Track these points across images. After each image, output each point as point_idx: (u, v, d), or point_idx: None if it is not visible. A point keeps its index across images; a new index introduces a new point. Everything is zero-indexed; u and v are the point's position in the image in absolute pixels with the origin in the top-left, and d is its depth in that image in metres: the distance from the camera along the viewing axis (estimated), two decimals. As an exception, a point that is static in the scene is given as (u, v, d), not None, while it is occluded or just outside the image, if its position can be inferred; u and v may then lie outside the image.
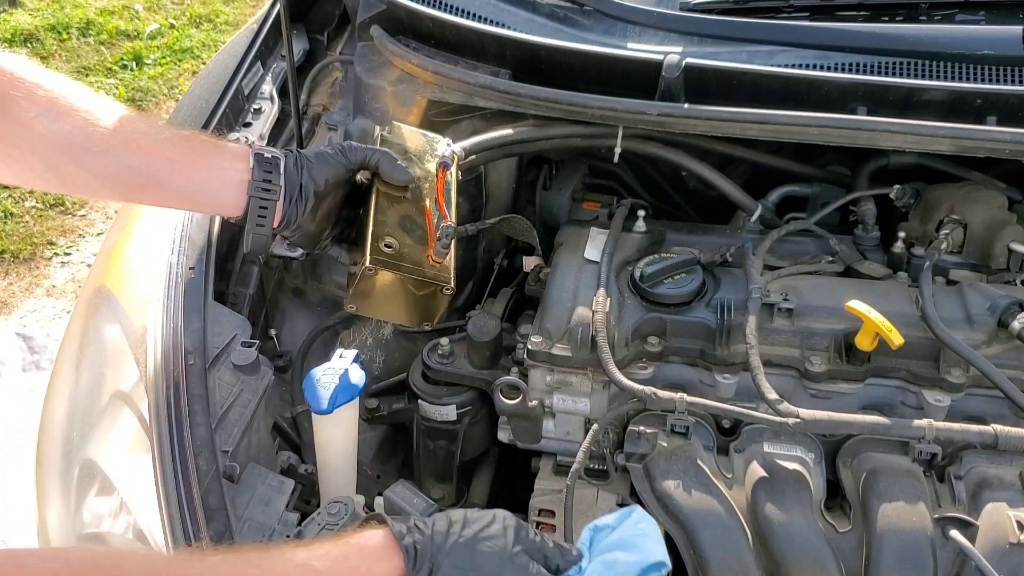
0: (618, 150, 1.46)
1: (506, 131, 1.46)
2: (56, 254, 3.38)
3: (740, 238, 1.44)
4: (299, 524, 1.07)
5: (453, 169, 1.28)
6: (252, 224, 1.09)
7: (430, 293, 1.17)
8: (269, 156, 1.09)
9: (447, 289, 1.16)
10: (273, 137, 1.59)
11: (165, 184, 1.06)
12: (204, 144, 1.10)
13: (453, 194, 1.25)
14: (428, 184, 1.24)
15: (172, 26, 4.95)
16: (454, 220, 1.20)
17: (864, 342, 1.22)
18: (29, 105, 0.99)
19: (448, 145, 1.31)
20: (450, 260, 1.18)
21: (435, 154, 1.29)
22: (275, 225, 1.11)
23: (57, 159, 1.01)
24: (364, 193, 1.20)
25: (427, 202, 1.21)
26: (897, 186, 1.51)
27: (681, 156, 1.51)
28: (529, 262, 1.70)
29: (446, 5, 1.54)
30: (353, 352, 1.20)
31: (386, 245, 1.14)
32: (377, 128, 1.27)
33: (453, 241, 1.17)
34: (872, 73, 1.37)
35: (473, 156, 1.40)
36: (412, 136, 1.30)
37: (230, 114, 1.55)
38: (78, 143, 1.01)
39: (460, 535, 0.87)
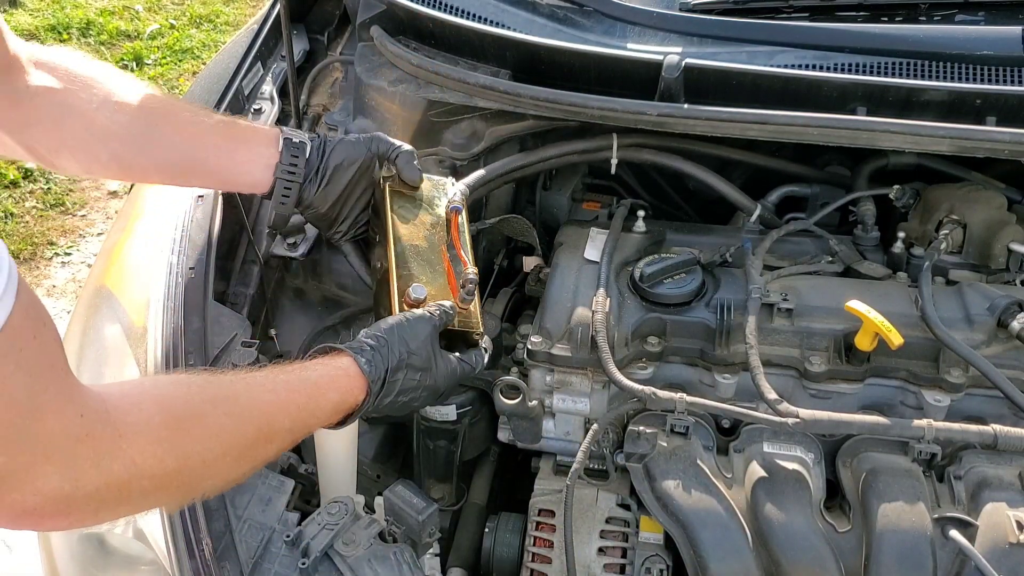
0: (614, 161, 1.47)
1: (504, 160, 1.49)
2: (56, 254, 3.38)
3: (740, 238, 1.44)
4: (299, 524, 1.07)
5: (465, 203, 1.28)
6: (276, 202, 1.21)
7: (461, 339, 1.17)
8: (297, 141, 1.20)
9: (478, 335, 1.18)
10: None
11: (210, 169, 1.18)
12: (242, 130, 1.20)
13: (467, 236, 1.27)
14: (440, 230, 1.26)
15: (172, 26, 4.95)
16: (473, 266, 1.21)
17: (864, 342, 1.22)
18: (89, 98, 1.07)
19: (453, 184, 1.32)
20: (476, 306, 1.19)
21: (443, 197, 1.30)
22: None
23: (120, 149, 1.10)
24: (382, 213, 1.24)
25: (444, 248, 1.23)
26: (896, 186, 1.51)
27: (678, 162, 1.51)
28: (529, 262, 1.70)
29: (446, 5, 1.54)
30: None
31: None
32: (388, 180, 1.27)
33: (476, 286, 1.19)
34: (872, 73, 1.37)
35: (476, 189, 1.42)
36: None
37: (230, 114, 1.55)
38: (137, 132, 1.10)
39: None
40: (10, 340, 0.66)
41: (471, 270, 1.18)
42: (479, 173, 1.44)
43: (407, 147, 1.26)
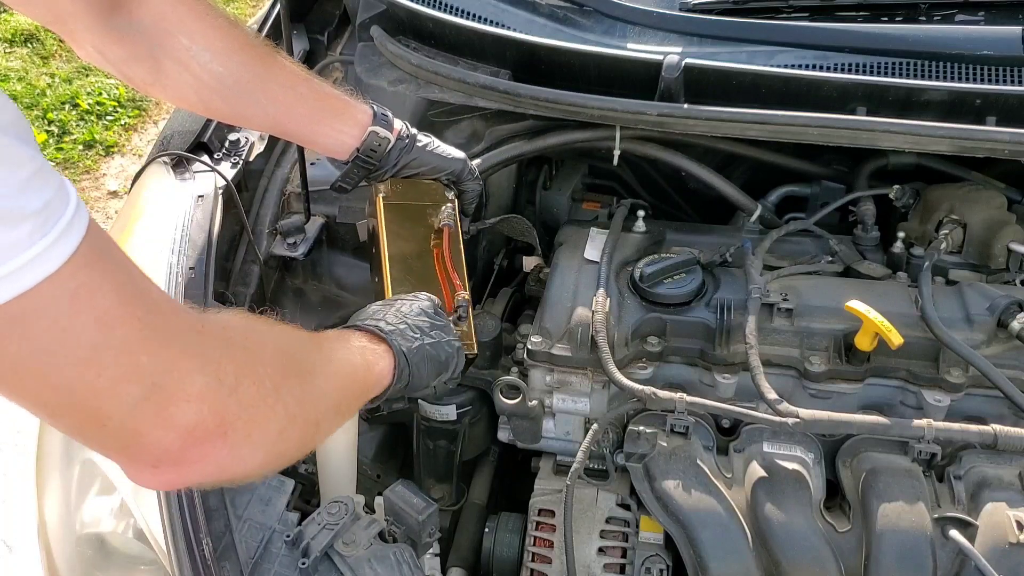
0: (617, 152, 1.46)
1: (502, 148, 1.49)
2: (56, 254, 3.38)
3: (740, 238, 1.44)
4: (299, 524, 1.07)
5: (456, 217, 1.29)
6: (340, 181, 1.29)
7: None
8: (382, 135, 1.24)
9: (469, 354, 1.19)
10: (272, 137, 1.59)
11: (291, 132, 1.26)
12: (335, 105, 1.24)
13: (460, 247, 1.28)
14: (435, 240, 1.26)
15: (172, 26, 4.95)
16: (467, 288, 1.22)
17: (864, 342, 1.22)
18: (189, 44, 1.11)
19: (450, 194, 1.32)
20: (470, 326, 1.21)
21: (438, 208, 1.30)
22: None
23: (208, 97, 1.16)
24: (377, 228, 1.26)
25: (436, 263, 1.25)
26: (896, 186, 1.52)
27: (679, 158, 1.51)
28: (529, 262, 1.70)
29: (446, 5, 1.54)
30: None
31: None
32: (381, 193, 1.28)
33: (469, 308, 1.21)
34: (872, 73, 1.37)
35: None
36: (410, 188, 1.31)
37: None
38: (228, 84, 1.15)
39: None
40: (101, 241, 0.64)
41: (463, 294, 1.20)
42: (475, 163, 1.43)
43: (479, 185, 1.36)
